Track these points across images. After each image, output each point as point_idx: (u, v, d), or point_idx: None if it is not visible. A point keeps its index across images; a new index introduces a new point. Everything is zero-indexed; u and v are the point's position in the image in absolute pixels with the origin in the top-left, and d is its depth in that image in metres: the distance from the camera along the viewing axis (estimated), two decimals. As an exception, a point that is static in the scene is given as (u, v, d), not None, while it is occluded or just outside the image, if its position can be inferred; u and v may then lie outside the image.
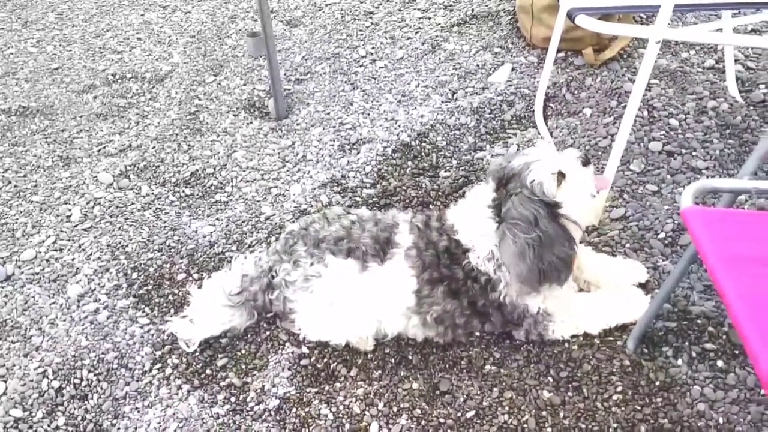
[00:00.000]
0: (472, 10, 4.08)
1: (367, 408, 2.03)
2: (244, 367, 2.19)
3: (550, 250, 1.93)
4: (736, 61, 3.13)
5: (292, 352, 2.20)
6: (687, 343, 2.06)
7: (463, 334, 2.17)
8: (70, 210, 2.90)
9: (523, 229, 1.92)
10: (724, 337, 2.06)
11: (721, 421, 1.87)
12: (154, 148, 3.25)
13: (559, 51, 3.27)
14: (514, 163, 2.01)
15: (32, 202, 2.97)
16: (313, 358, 2.18)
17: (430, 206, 2.70)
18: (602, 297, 2.20)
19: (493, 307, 2.09)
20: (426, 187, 2.79)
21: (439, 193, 2.76)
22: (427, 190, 2.77)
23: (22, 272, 2.62)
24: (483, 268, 2.04)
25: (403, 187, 2.80)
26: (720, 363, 2.00)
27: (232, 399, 2.10)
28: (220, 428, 2.02)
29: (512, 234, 1.93)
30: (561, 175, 1.98)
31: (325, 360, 2.17)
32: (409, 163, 2.94)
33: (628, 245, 2.39)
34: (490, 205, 2.03)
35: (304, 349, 2.21)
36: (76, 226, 2.82)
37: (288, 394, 2.09)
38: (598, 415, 1.92)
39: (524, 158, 2.00)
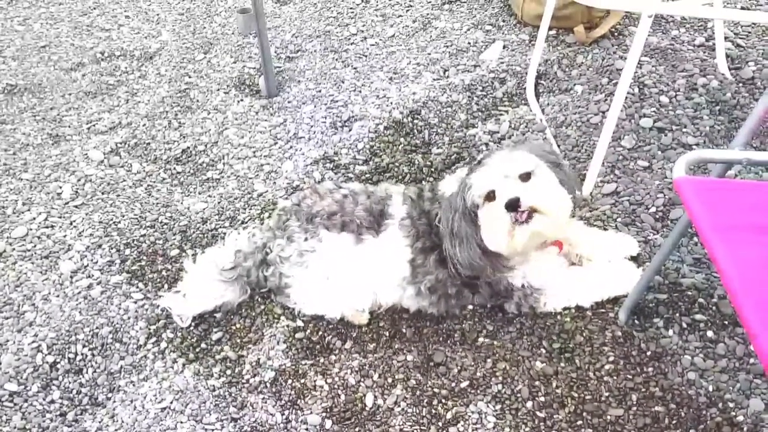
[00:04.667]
0: (463, -12, 4.07)
1: (362, 379, 2.05)
2: (239, 340, 2.20)
3: (459, 246, 2.02)
4: (726, 38, 3.14)
5: (287, 326, 2.21)
6: (677, 315, 2.09)
7: (456, 306, 2.19)
8: (60, 187, 2.89)
9: (446, 214, 2.03)
10: (714, 308, 2.09)
11: (711, 389, 1.90)
12: (144, 125, 3.23)
13: (550, 29, 3.26)
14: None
15: (22, 179, 2.95)
16: (308, 332, 2.19)
17: (423, 182, 2.71)
18: (594, 270, 2.22)
19: (480, 279, 2.11)
20: (419, 163, 2.80)
21: (432, 170, 2.77)
22: (420, 167, 2.78)
23: (14, 249, 2.61)
24: None
25: (396, 164, 2.80)
26: (710, 333, 2.03)
27: (228, 372, 2.11)
28: (216, 400, 2.04)
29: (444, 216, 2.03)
30: (490, 195, 1.97)
31: (320, 333, 2.19)
32: (402, 139, 2.95)
33: (619, 219, 2.41)
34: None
35: (299, 323, 2.22)
36: (67, 203, 2.81)
37: (283, 367, 2.10)
38: (590, 385, 1.95)
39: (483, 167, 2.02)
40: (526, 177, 1.95)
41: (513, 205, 1.90)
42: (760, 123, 1.77)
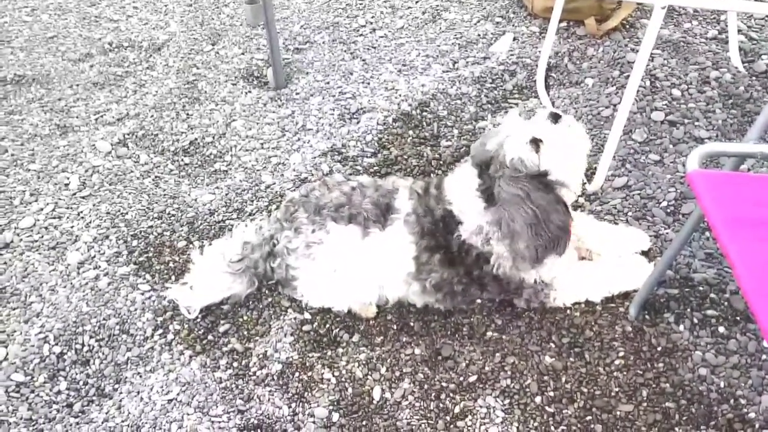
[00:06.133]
0: (473, -20, 4.04)
1: (369, 372, 2.03)
2: (246, 333, 2.19)
3: (547, 223, 1.92)
4: (739, 31, 3.11)
5: (294, 318, 2.20)
6: (689, 310, 2.07)
7: (463, 302, 2.17)
8: (68, 178, 2.88)
9: (517, 209, 1.90)
10: (726, 303, 2.07)
11: (722, 385, 1.88)
12: (152, 116, 3.22)
13: (561, 21, 3.24)
14: (489, 146, 1.98)
15: (30, 170, 2.95)
16: (315, 324, 2.18)
17: (431, 175, 2.69)
18: (604, 265, 2.20)
19: (489, 277, 2.09)
20: (427, 156, 2.78)
21: (441, 162, 2.75)
22: (429, 159, 2.76)
23: (21, 240, 2.60)
24: (472, 241, 2.03)
25: (405, 156, 2.78)
26: (721, 329, 2.01)
27: (235, 364, 2.10)
28: (223, 392, 2.03)
29: (508, 216, 1.91)
30: (536, 143, 1.92)
31: (328, 326, 2.18)
32: (410, 132, 2.93)
33: (630, 214, 2.39)
34: (477, 189, 2.00)
35: (307, 315, 2.21)
36: (74, 194, 2.80)
37: (290, 359, 2.09)
38: (600, 380, 1.93)
39: (497, 137, 1.97)
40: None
41: (557, 115, 1.95)
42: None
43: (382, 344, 2.11)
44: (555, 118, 1.96)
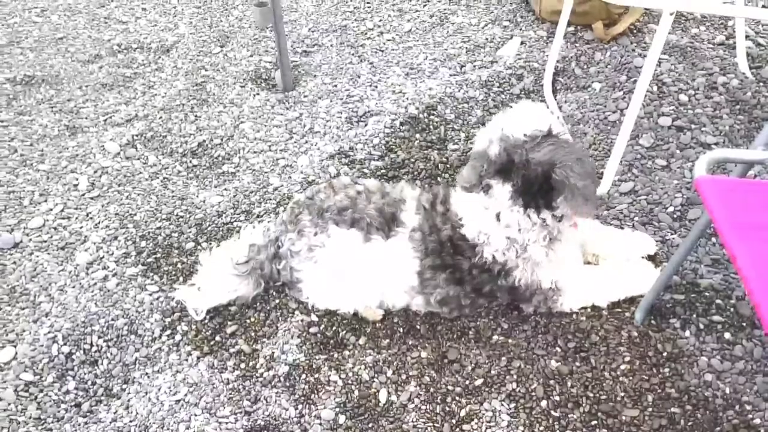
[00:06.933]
0: (481, -17, 4.06)
1: (376, 375, 2.04)
2: (253, 334, 2.20)
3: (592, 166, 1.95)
4: (746, 37, 3.12)
5: (301, 320, 2.21)
6: (695, 315, 2.07)
7: (470, 312, 2.18)
8: (77, 179, 2.90)
9: (573, 159, 1.86)
10: (732, 309, 2.07)
11: (727, 391, 1.89)
12: (160, 118, 3.24)
13: (568, 25, 3.25)
14: (496, 145, 1.96)
15: (39, 170, 2.97)
16: (322, 326, 2.19)
17: (438, 179, 2.70)
18: (611, 270, 2.21)
19: (502, 290, 2.10)
20: (434, 159, 2.79)
21: (448, 166, 2.76)
22: (436, 163, 2.77)
23: (30, 240, 2.62)
24: (500, 258, 2.02)
25: (412, 160, 2.80)
26: (727, 335, 2.02)
27: (242, 365, 2.11)
28: (230, 393, 2.04)
29: (571, 166, 1.85)
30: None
31: (334, 328, 2.19)
32: (417, 135, 2.94)
33: (636, 219, 2.40)
34: (511, 193, 1.95)
35: (314, 317, 2.22)
36: (83, 194, 2.82)
37: (297, 361, 2.10)
38: (605, 384, 1.94)
39: (498, 130, 1.96)
40: None
41: None
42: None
43: (389, 347, 2.12)
44: None
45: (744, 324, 2.03)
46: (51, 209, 2.75)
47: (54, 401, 2.08)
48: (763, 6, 3.45)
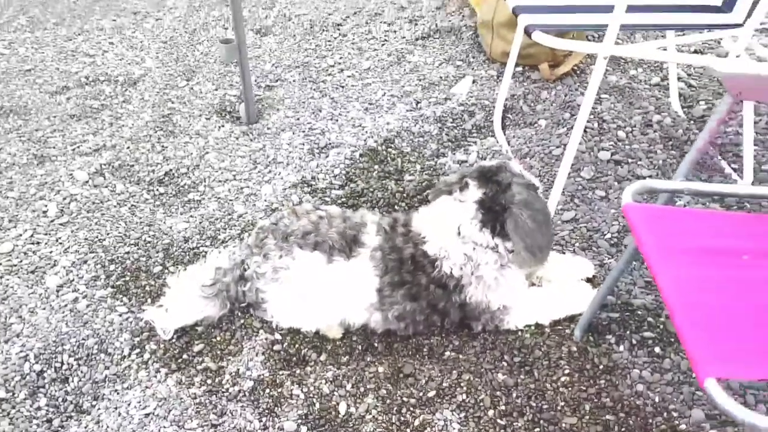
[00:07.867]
0: (436, 24, 4.29)
1: (336, 389, 2.18)
2: (219, 352, 2.32)
3: (548, 226, 2.21)
4: (679, 78, 3.38)
5: (266, 339, 2.34)
6: (628, 332, 2.26)
7: (425, 329, 2.33)
8: (46, 206, 2.99)
9: (533, 208, 2.16)
10: (662, 326, 2.26)
11: (657, 400, 2.07)
12: (128, 148, 3.36)
13: (517, 65, 3.48)
14: (485, 164, 2.26)
15: (8, 197, 3.05)
16: (285, 344, 2.32)
17: (395, 207, 2.87)
18: (553, 290, 2.39)
19: (454, 307, 2.26)
20: (392, 189, 2.96)
21: (404, 195, 2.93)
22: (393, 192, 2.94)
23: (0, 264, 2.70)
24: (457, 273, 2.20)
25: (371, 189, 2.96)
26: (657, 349, 2.20)
27: (209, 381, 2.23)
28: (197, 407, 2.15)
29: (527, 213, 2.14)
30: None
31: (297, 346, 2.32)
32: (376, 166, 3.11)
33: (577, 244, 2.59)
34: (478, 201, 2.18)
35: (277, 336, 2.35)
36: (52, 221, 2.91)
37: (261, 377, 2.22)
38: (547, 395, 2.11)
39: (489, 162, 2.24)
40: None
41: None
42: (700, 156, 1.96)
43: (348, 363, 2.26)
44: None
45: (672, 339, 2.22)
46: (20, 234, 2.84)
47: (26, 417, 2.15)
48: (694, 51, 3.74)
